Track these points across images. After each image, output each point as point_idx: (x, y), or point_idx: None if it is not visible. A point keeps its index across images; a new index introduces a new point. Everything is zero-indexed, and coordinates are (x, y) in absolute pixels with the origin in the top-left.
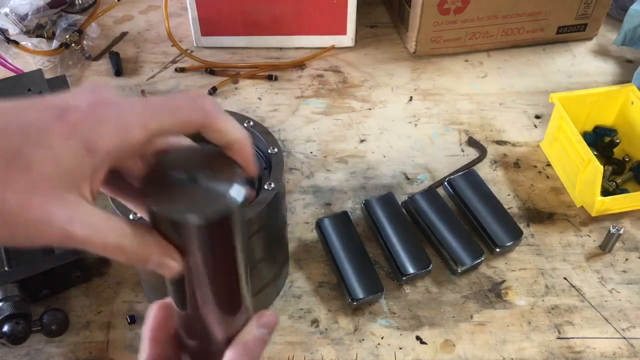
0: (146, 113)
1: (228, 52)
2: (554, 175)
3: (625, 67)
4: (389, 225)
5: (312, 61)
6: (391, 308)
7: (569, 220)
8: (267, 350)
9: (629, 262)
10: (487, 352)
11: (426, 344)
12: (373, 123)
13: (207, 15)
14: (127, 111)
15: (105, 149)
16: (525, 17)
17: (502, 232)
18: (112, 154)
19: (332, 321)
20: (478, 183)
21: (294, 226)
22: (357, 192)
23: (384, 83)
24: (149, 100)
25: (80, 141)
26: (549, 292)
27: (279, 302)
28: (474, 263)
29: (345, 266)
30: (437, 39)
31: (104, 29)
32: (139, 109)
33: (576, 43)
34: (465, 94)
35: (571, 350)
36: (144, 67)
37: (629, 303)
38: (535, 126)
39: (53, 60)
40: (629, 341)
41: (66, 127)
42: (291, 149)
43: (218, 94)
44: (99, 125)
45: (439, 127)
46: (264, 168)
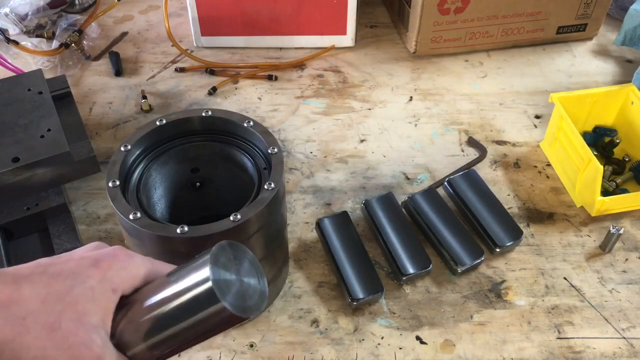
0: (147, 265)
1: (228, 52)
2: (554, 175)
3: (625, 67)
4: (389, 225)
5: (312, 61)
6: (391, 308)
7: (569, 220)
8: (267, 350)
9: (629, 262)
10: (487, 352)
11: (426, 344)
12: (373, 123)
13: (207, 15)
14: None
15: (122, 289)
16: (525, 17)
17: (502, 232)
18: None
19: (332, 321)
20: (478, 183)
21: (294, 226)
22: (357, 192)
23: (384, 83)
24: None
25: (109, 283)
26: (549, 292)
27: (279, 302)
28: (474, 263)
29: (345, 266)
30: (437, 39)
31: (104, 29)
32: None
33: (576, 43)
34: (465, 94)
35: (571, 350)
36: (144, 67)
37: (629, 303)
38: (535, 126)
39: (53, 60)
40: (629, 341)
41: (101, 273)
42: (291, 149)
43: (218, 94)
44: (121, 271)
45: (439, 127)
46: (264, 168)
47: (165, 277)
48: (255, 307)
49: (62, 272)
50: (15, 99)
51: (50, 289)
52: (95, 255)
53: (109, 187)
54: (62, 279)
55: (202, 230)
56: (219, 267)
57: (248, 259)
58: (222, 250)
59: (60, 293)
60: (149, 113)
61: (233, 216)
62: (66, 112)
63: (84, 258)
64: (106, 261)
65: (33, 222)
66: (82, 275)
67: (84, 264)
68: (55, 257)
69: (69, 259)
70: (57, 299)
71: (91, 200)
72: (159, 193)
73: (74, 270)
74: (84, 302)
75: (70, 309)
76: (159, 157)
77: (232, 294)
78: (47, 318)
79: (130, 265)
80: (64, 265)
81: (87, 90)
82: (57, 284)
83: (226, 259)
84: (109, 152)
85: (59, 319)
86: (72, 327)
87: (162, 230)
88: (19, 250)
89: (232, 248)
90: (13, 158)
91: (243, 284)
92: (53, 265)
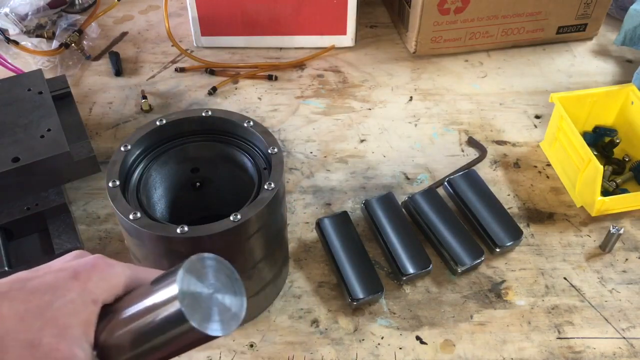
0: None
1: (228, 52)
2: (554, 175)
3: (625, 67)
4: (389, 225)
5: (312, 61)
6: (391, 308)
7: (569, 220)
8: (267, 350)
9: (629, 262)
10: (487, 352)
11: (426, 344)
12: (373, 123)
13: (207, 15)
14: (119, 271)
15: (103, 300)
16: (525, 17)
17: (502, 232)
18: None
19: (332, 321)
20: (478, 183)
21: (294, 226)
22: (357, 192)
23: (384, 83)
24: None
25: (89, 295)
26: (549, 292)
27: (279, 302)
28: (474, 263)
29: (345, 266)
30: (437, 39)
31: (104, 29)
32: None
33: (576, 43)
34: (465, 94)
35: (571, 350)
36: (144, 67)
37: (629, 303)
38: (535, 126)
39: (53, 60)
40: (629, 341)
41: (81, 285)
42: (291, 149)
43: (218, 94)
44: (101, 282)
45: (439, 127)
46: (264, 168)
47: (147, 286)
48: (229, 325)
49: (41, 286)
50: (15, 99)
51: (29, 304)
52: (74, 266)
53: (109, 187)
54: (41, 293)
55: (202, 230)
56: (190, 283)
57: (225, 274)
58: (195, 264)
59: (39, 308)
60: (149, 113)
61: (233, 216)
62: (66, 112)
63: (63, 270)
64: (85, 272)
65: (33, 222)
66: (61, 289)
67: (63, 277)
68: (34, 270)
69: (47, 271)
70: (37, 314)
71: (91, 200)
72: (159, 193)
73: (53, 284)
74: (65, 316)
75: (50, 324)
76: (159, 157)
77: (202, 312)
78: (26, 335)
79: (110, 274)
80: (42, 279)
81: (87, 90)
82: (36, 299)
83: (199, 274)
84: (109, 152)
85: (39, 336)
86: (54, 343)
87: (162, 230)
88: (19, 250)
89: (208, 261)
90: (13, 158)
91: (216, 301)
92: (31, 279)
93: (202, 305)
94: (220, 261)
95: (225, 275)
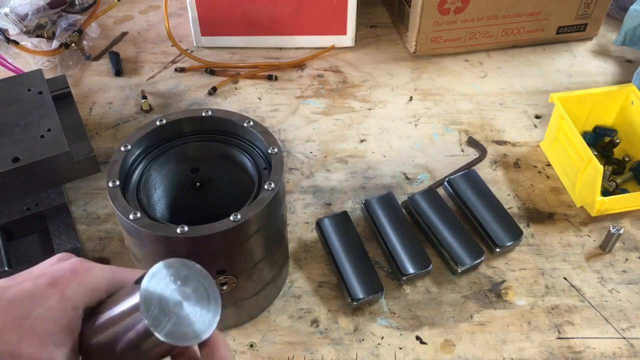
0: (108, 276)
1: (228, 52)
2: (554, 175)
3: (625, 67)
4: (389, 225)
5: (312, 61)
6: (391, 308)
7: (569, 220)
8: (267, 350)
9: (629, 262)
10: (487, 352)
11: (426, 344)
12: (373, 123)
13: (207, 15)
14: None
15: (84, 305)
16: (525, 17)
17: (502, 232)
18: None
19: (332, 321)
20: (478, 183)
21: (294, 226)
22: (357, 192)
23: (384, 83)
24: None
25: (69, 301)
26: (549, 292)
27: (279, 302)
28: (474, 263)
29: (345, 266)
30: (437, 39)
31: (104, 29)
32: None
33: (576, 43)
34: (465, 94)
35: (571, 350)
36: (144, 67)
37: (629, 303)
38: (535, 126)
39: (53, 60)
40: (629, 341)
41: (59, 292)
42: (291, 149)
43: (218, 94)
44: (80, 287)
45: (439, 127)
46: (264, 168)
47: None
48: (202, 332)
49: (18, 295)
50: (15, 99)
51: (7, 315)
52: (53, 272)
53: (109, 187)
54: (18, 302)
55: (202, 230)
56: (156, 291)
57: (197, 278)
58: (164, 270)
59: (17, 318)
60: (149, 113)
61: (233, 216)
62: (66, 112)
63: (41, 276)
64: (64, 278)
65: (33, 222)
66: (39, 297)
67: (41, 284)
68: (13, 278)
69: (26, 278)
70: (15, 325)
71: (91, 200)
72: (159, 193)
73: (31, 292)
74: (44, 324)
75: (29, 334)
76: (159, 157)
77: (170, 322)
78: (5, 347)
79: (91, 279)
80: (20, 287)
81: (87, 90)
82: (14, 309)
83: (167, 281)
84: (109, 152)
85: (18, 347)
86: (34, 353)
87: (162, 230)
88: (19, 250)
89: (177, 266)
90: (13, 158)
91: (186, 308)
92: (9, 288)
93: (168, 313)
94: (194, 267)
95: (200, 282)
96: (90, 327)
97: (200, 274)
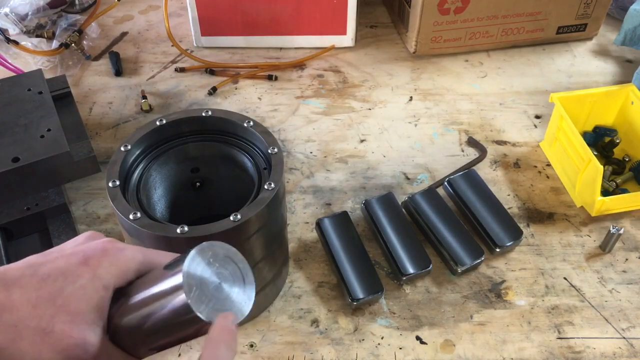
0: (138, 257)
1: (228, 52)
2: (554, 175)
3: (625, 67)
4: (389, 225)
5: (312, 61)
6: (391, 308)
7: (569, 220)
8: (267, 350)
9: (629, 262)
10: (487, 352)
11: (426, 344)
12: (373, 123)
13: (207, 15)
14: (129, 256)
15: (114, 285)
16: (525, 17)
17: (502, 232)
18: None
19: (332, 321)
20: (478, 183)
21: (294, 226)
22: (357, 192)
23: (384, 83)
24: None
25: (100, 280)
26: (549, 292)
27: (279, 302)
28: (474, 263)
29: (345, 266)
30: (437, 39)
31: (104, 29)
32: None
33: (576, 43)
34: (465, 94)
35: (571, 350)
36: (144, 67)
37: (629, 303)
38: (535, 126)
39: (53, 60)
40: (629, 341)
41: (91, 271)
42: (291, 149)
43: (218, 94)
44: (112, 267)
45: (439, 127)
46: (264, 168)
47: (159, 271)
48: (236, 315)
49: (52, 272)
50: (15, 99)
51: (41, 292)
52: (85, 251)
53: (109, 187)
54: (52, 280)
55: (202, 230)
56: (197, 272)
57: (235, 262)
58: (204, 252)
59: (51, 295)
60: (149, 113)
61: (233, 216)
62: (66, 112)
63: (74, 254)
64: (96, 257)
65: (33, 222)
66: (72, 275)
67: (73, 262)
68: (45, 255)
69: (58, 256)
70: (49, 301)
71: (91, 200)
72: (159, 193)
73: (64, 269)
74: (76, 302)
75: (62, 311)
76: (159, 157)
77: (208, 302)
78: (39, 322)
79: (121, 259)
80: (53, 265)
81: (87, 90)
82: (48, 286)
83: (207, 262)
84: (109, 152)
85: (51, 322)
86: (66, 329)
87: (162, 230)
88: (19, 250)
89: (217, 249)
90: (13, 158)
91: (224, 290)
92: (43, 265)
93: (208, 295)
94: (230, 250)
95: (235, 264)
96: (121, 306)
97: (236, 257)
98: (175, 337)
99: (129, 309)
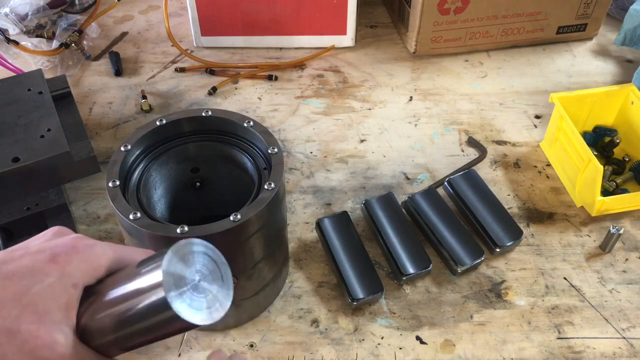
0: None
1: (228, 52)
2: (554, 175)
3: (625, 67)
4: (389, 225)
5: (312, 61)
6: (391, 308)
7: (569, 220)
8: (267, 350)
9: (629, 262)
10: (487, 352)
11: (426, 344)
12: (373, 123)
13: (207, 15)
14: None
15: (84, 283)
16: (525, 17)
17: (502, 232)
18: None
19: (332, 321)
20: (478, 183)
21: (294, 226)
22: (357, 192)
23: (384, 83)
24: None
25: (69, 278)
26: (549, 292)
27: (279, 302)
28: (474, 263)
29: (345, 266)
30: (437, 39)
31: (104, 29)
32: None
33: (576, 43)
34: (465, 94)
35: (571, 350)
36: (144, 67)
37: (629, 303)
38: (535, 126)
39: (53, 60)
40: (629, 341)
41: (60, 269)
42: (291, 149)
43: (218, 94)
44: (81, 264)
45: (439, 127)
46: (264, 168)
47: (132, 269)
48: (213, 314)
49: (18, 271)
50: (15, 99)
51: (6, 291)
52: (52, 247)
53: (109, 187)
54: (18, 278)
55: (202, 230)
56: (176, 270)
57: (214, 260)
58: (182, 249)
59: (17, 294)
60: (149, 113)
61: (233, 216)
62: (66, 112)
63: (41, 252)
64: (64, 255)
65: (33, 222)
66: (39, 273)
67: (41, 260)
68: (10, 252)
69: (24, 253)
70: (14, 301)
71: (91, 200)
72: (159, 193)
73: (30, 267)
74: (44, 301)
75: (29, 311)
76: (159, 157)
77: (186, 300)
78: (4, 323)
79: (91, 256)
80: (18, 263)
81: (87, 90)
82: (13, 285)
83: (186, 260)
84: (109, 152)
85: (17, 323)
86: (33, 329)
87: (162, 230)
88: None
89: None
90: (13, 158)
91: (202, 289)
92: (7, 262)
93: (186, 292)
94: (208, 247)
95: (214, 263)
96: (92, 305)
97: (215, 254)
98: (151, 336)
99: (101, 307)
